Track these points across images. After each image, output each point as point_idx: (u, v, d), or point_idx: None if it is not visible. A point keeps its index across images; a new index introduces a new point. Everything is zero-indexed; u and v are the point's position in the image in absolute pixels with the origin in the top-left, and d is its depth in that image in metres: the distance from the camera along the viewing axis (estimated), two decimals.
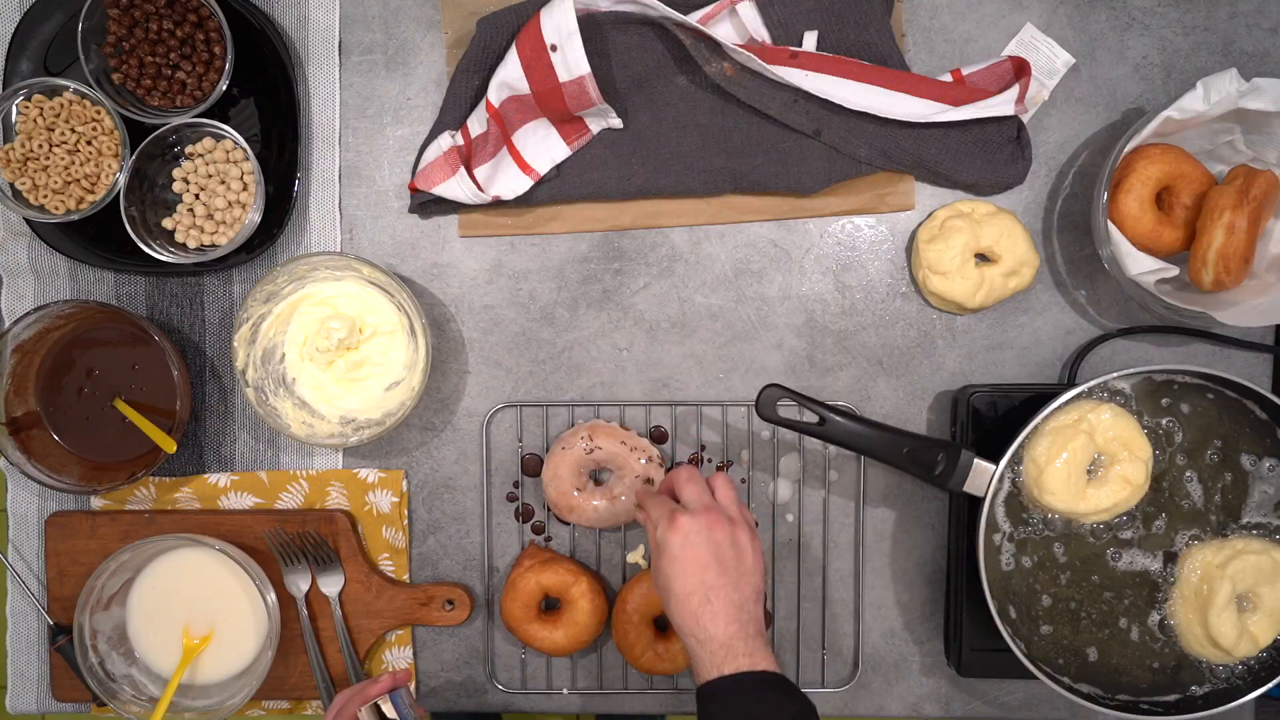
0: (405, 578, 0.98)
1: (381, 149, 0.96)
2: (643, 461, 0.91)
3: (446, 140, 0.93)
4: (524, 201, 0.93)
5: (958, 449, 0.82)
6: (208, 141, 0.92)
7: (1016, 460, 0.85)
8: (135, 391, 0.95)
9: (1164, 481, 0.86)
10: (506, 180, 0.92)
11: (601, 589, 0.93)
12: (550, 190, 0.93)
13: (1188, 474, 0.86)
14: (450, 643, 0.98)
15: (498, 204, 0.93)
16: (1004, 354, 0.95)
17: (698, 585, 0.74)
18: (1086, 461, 0.83)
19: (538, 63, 0.87)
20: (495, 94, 0.91)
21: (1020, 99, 0.88)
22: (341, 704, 0.83)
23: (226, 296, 0.97)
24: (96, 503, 0.99)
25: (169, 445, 0.91)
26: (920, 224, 0.94)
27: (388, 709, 0.82)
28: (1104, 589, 0.86)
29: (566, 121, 0.92)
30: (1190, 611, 0.85)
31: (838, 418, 0.82)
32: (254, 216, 0.92)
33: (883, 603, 0.96)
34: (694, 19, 0.88)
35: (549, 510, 0.96)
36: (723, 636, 0.73)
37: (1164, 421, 0.86)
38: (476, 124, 0.93)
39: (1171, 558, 0.86)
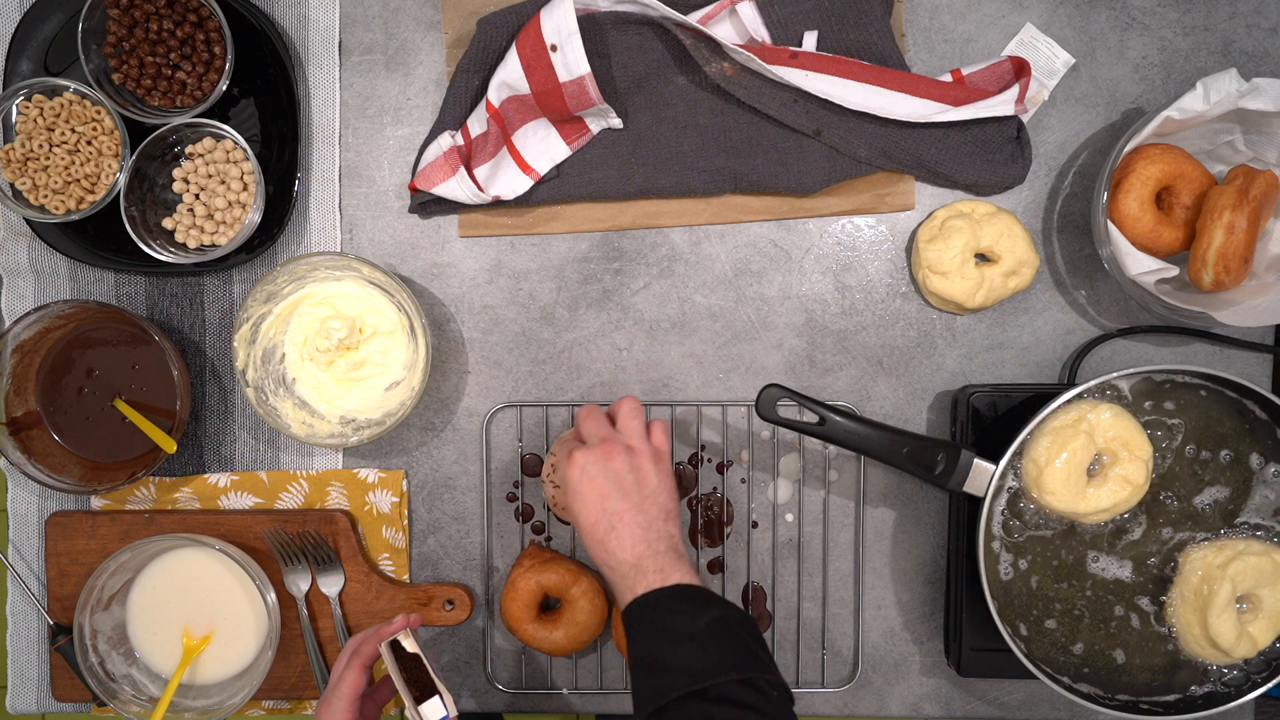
0: (405, 578, 0.98)
1: (381, 149, 0.96)
2: None
3: (446, 140, 0.93)
4: (524, 201, 0.93)
5: (958, 449, 0.82)
6: (208, 141, 0.92)
7: (1016, 460, 0.85)
8: (135, 391, 0.95)
9: (1165, 482, 0.86)
10: (506, 180, 0.92)
11: (601, 589, 0.93)
12: (550, 190, 0.93)
13: (1188, 474, 0.86)
14: (450, 643, 0.98)
15: (498, 204, 0.94)
16: (1004, 354, 0.95)
17: (600, 514, 0.76)
18: (1086, 461, 0.83)
19: (538, 63, 0.87)
20: (495, 94, 0.91)
21: (1020, 99, 0.88)
22: (356, 645, 0.82)
23: (226, 296, 0.97)
24: (96, 503, 0.99)
25: (169, 445, 0.91)
26: (920, 224, 0.94)
27: (409, 644, 0.80)
28: (1103, 589, 0.86)
29: (566, 121, 0.92)
30: (1190, 612, 0.85)
31: (838, 418, 0.82)
32: (254, 216, 0.92)
33: (883, 603, 0.96)
34: (694, 19, 0.88)
35: (549, 510, 0.96)
36: (631, 558, 0.74)
37: (1166, 422, 0.86)
38: (476, 124, 0.93)
39: (1172, 558, 0.86)
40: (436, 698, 0.77)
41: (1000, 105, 0.88)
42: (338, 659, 0.83)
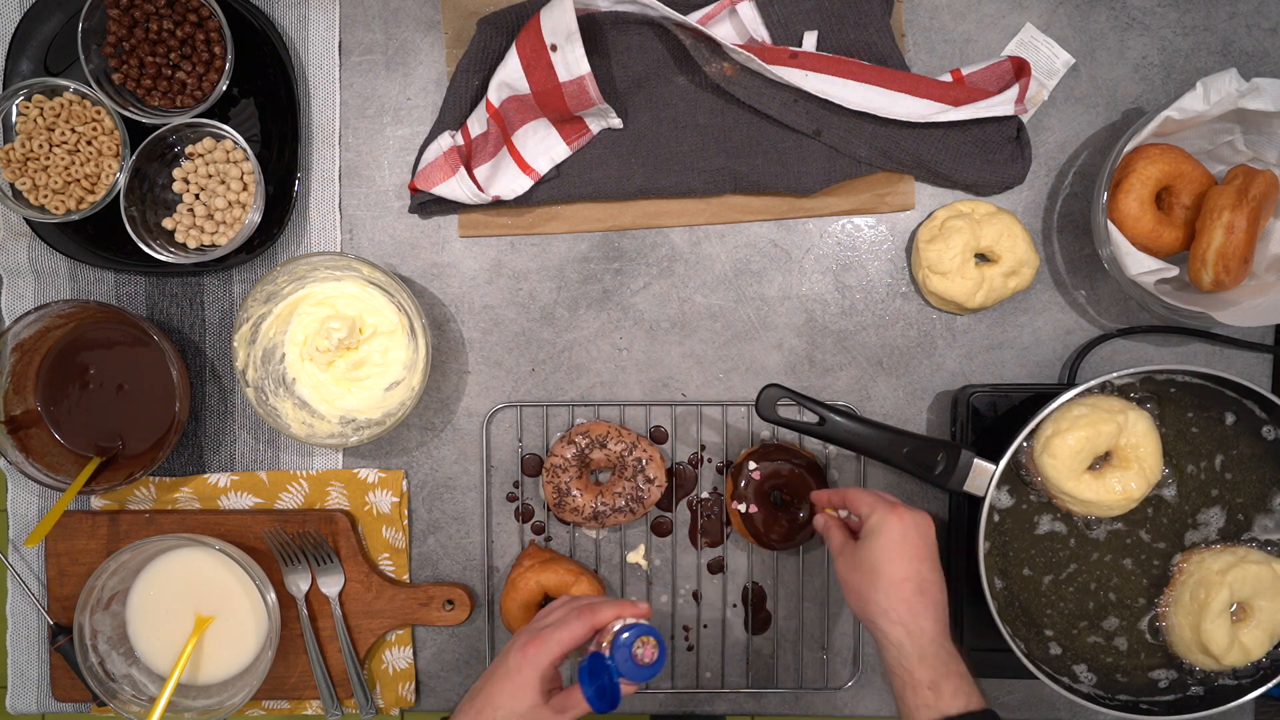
0: (405, 578, 0.98)
1: (381, 149, 0.96)
2: (642, 461, 0.91)
3: (446, 140, 0.93)
4: (524, 201, 0.93)
5: (958, 449, 0.82)
6: (208, 141, 0.92)
7: (1036, 432, 0.84)
8: (135, 392, 0.95)
9: (1170, 485, 0.86)
10: (506, 180, 0.92)
11: (601, 589, 0.93)
12: (550, 190, 0.93)
13: (1192, 479, 0.86)
14: (450, 643, 0.98)
15: (498, 204, 0.94)
16: (1004, 354, 0.95)
17: (913, 573, 0.74)
18: (1101, 450, 0.82)
19: (538, 63, 0.87)
20: (495, 94, 0.91)
21: (1020, 99, 0.88)
22: (587, 605, 0.76)
23: (226, 296, 0.97)
24: (96, 503, 0.99)
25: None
26: (920, 224, 0.94)
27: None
28: (1103, 589, 0.86)
29: (566, 121, 0.92)
30: (1184, 615, 0.84)
31: (838, 418, 0.82)
32: (254, 216, 0.92)
33: None
34: (694, 19, 0.88)
35: (549, 510, 0.96)
36: (933, 632, 0.72)
37: (1185, 424, 0.86)
38: (476, 124, 0.93)
39: (1171, 561, 0.86)
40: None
41: (1000, 105, 0.88)
42: (558, 607, 0.78)
